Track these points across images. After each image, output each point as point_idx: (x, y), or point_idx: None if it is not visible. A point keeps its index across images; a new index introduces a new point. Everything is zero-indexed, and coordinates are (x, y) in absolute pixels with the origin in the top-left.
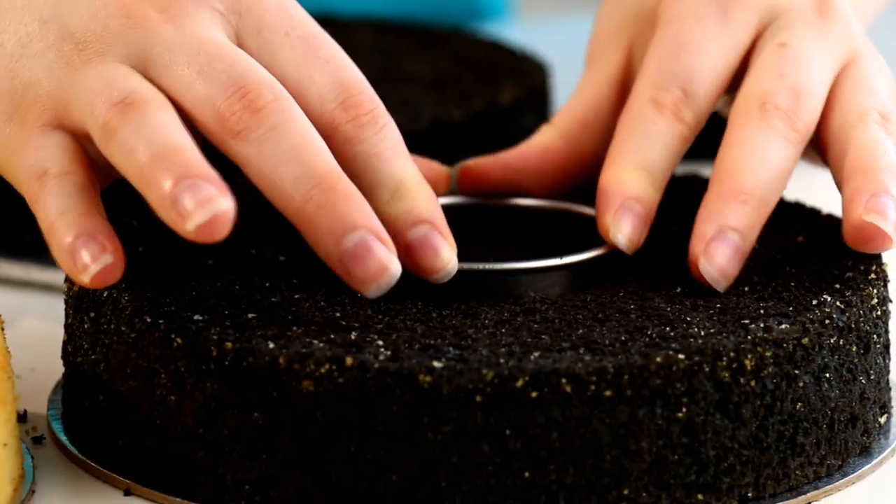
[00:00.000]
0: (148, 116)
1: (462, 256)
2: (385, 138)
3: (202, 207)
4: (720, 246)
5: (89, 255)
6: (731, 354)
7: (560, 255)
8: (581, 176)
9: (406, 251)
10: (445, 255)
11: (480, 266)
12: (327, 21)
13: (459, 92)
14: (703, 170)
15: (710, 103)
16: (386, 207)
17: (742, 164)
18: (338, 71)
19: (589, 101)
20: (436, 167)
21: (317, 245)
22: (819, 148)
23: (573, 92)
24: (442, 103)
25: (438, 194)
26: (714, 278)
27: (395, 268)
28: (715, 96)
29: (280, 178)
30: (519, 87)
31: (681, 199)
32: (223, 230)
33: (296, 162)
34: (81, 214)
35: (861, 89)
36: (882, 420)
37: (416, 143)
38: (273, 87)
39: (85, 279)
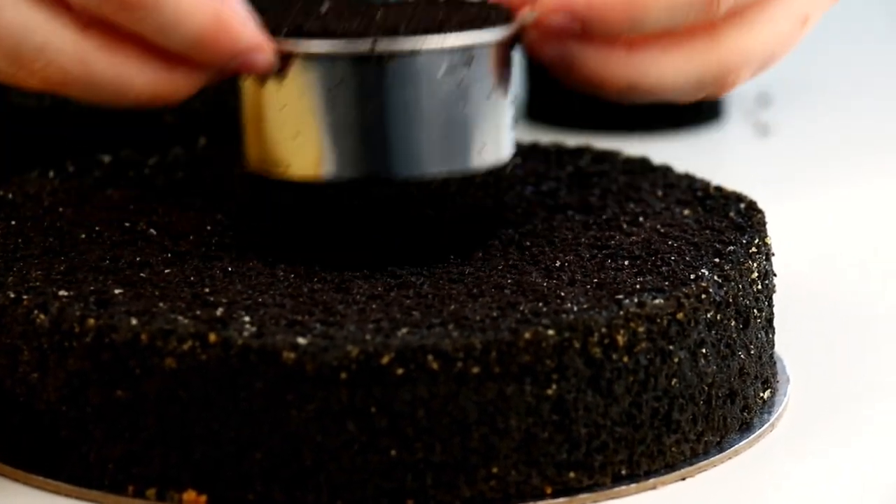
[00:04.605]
0: None
1: None
2: (162, 11)
3: None
4: None
5: None
6: (603, 330)
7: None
8: None
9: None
10: (268, 66)
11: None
12: None
13: None
14: (597, 142)
15: None
16: (197, 58)
17: None
18: None
19: None
20: None
21: None
22: None
23: None
24: None
25: None
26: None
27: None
28: None
29: (168, 35)
30: None
31: (574, 172)
32: None
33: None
34: None
35: None
36: (765, 395)
37: None
38: None
39: None
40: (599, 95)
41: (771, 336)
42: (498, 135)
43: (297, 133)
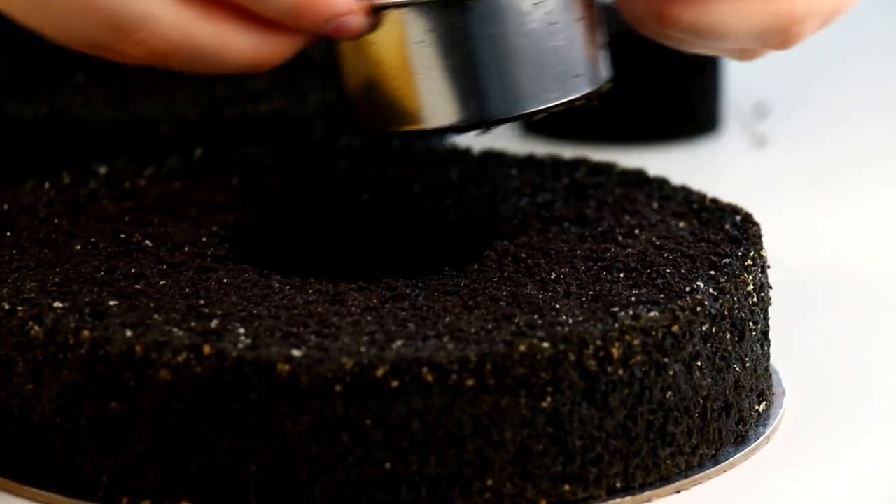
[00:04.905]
0: None
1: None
2: None
3: None
4: None
5: None
6: (598, 343)
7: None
8: None
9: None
10: (362, 27)
11: None
12: None
13: None
14: (593, 154)
15: None
16: (292, 25)
17: None
18: None
19: None
20: None
21: None
22: None
23: None
24: (331, 87)
25: None
26: None
27: None
28: None
29: (265, 8)
30: None
31: (570, 183)
32: None
33: None
34: None
35: None
36: (760, 408)
37: (303, 126)
38: None
39: None
40: (660, 36)
41: (766, 349)
42: (593, 58)
43: (395, 86)
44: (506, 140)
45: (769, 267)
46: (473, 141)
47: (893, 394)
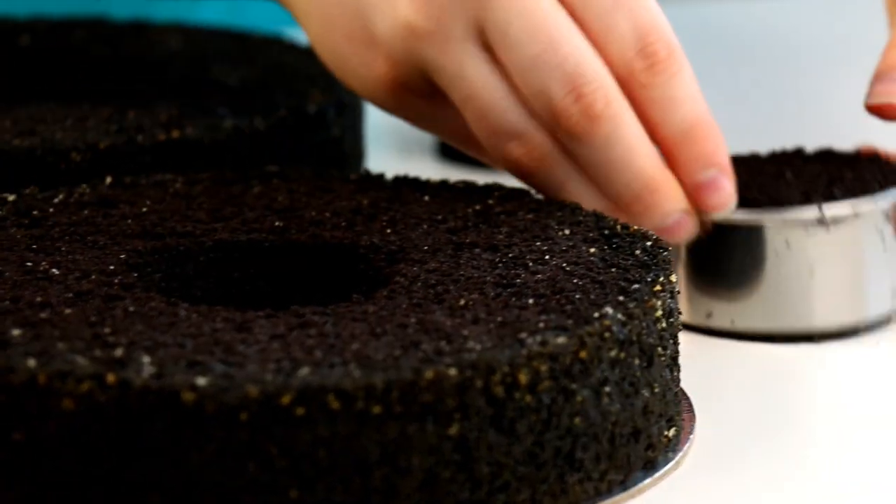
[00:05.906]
0: None
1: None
2: (678, 84)
3: None
4: None
5: None
6: (506, 369)
7: None
8: None
9: (693, 190)
10: (730, 198)
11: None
12: (140, 26)
13: (266, 100)
14: (508, 181)
15: None
16: (676, 150)
17: None
18: (637, 17)
19: None
20: None
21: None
22: None
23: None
24: (245, 112)
25: None
26: None
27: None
28: None
29: (611, 182)
30: (327, 96)
31: (482, 209)
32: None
33: (627, 169)
34: None
35: None
36: (670, 434)
37: (216, 153)
38: (605, 90)
39: None
40: None
41: (676, 374)
42: None
43: (745, 290)
44: (419, 166)
45: (679, 292)
46: (386, 167)
47: (804, 421)
